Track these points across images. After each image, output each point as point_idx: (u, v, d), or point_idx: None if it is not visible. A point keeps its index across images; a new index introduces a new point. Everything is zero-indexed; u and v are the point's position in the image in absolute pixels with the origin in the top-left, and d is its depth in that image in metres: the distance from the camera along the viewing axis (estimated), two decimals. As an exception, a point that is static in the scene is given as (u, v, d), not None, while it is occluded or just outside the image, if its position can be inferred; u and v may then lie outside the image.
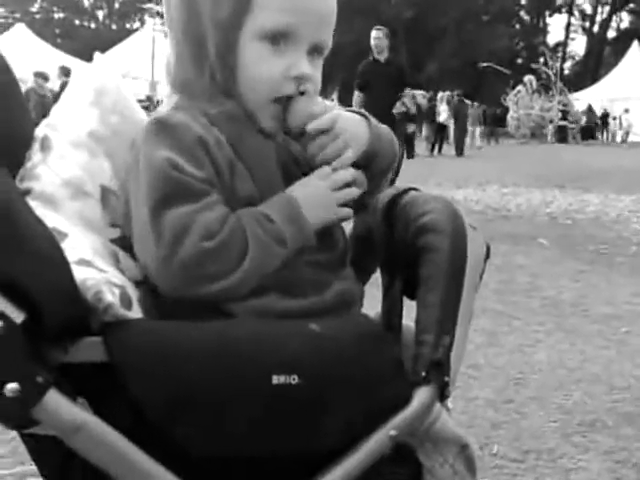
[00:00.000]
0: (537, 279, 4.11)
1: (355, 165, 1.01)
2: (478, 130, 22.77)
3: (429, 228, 0.99)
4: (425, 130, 18.92)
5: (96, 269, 0.89)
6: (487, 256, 1.04)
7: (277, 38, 0.95)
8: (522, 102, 25.12)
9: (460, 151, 17.86)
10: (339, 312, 0.99)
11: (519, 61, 41.48)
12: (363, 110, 1.11)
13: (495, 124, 25.39)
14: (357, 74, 7.16)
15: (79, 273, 0.84)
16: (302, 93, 0.98)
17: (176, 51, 1.01)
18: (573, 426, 2.17)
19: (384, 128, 1.10)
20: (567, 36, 47.39)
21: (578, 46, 51.35)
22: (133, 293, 0.91)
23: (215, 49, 0.97)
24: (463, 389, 2.39)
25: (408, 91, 7.45)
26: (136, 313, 0.88)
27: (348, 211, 1.01)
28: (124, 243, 0.99)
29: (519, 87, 25.75)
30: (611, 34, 46.36)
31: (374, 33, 7.14)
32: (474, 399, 2.33)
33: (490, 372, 2.58)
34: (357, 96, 7.10)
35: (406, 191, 1.10)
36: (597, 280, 4.12)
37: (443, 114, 18.82)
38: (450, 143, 19.15)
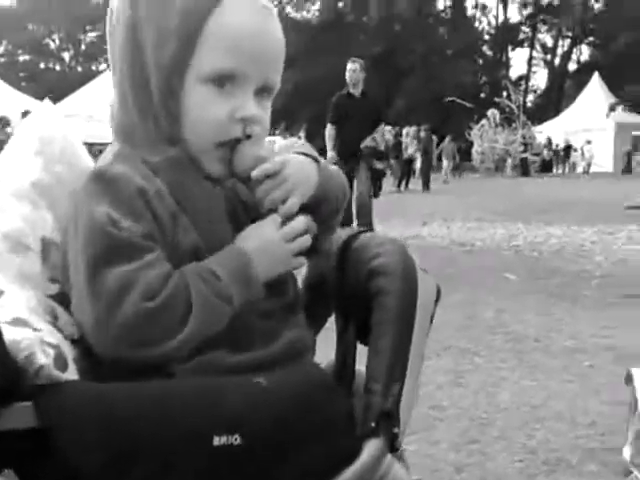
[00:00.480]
0: (502, 314, 4.13)
1: (304, 209, 0.99)
2: (451, 164, 23.15)
3: (380, 271, 0.98)
4: (394, 165, 19.13)
5: (31, 328, 0.86)
6: (437, 299, 1.04)
7: (223, 80, 0.94)
8: (486, 136, 25.60)
9: (427, 186, 18.06)
10: (290, 362, 0.96)
11: (483, 95, 42.33)
12: (314, 152, 1.10)
13: (461, 158, 25.80)
14: (330, 107, 6.99)
15: (12, 333, 0.81)
16: (249, 136, 0.96)
17: (119, 96, 1.00)
18: (538, 465, 2.15)
19: (334, 170, 1.09)
20: (529, 70, 48.62)
21: (540, 79, 52.65)
22: (69, 352, 0.88)
23: (159, 93, 0.95)
24: (427, 432, 2.36)
25: (382, 127, 7.31)
26: (72, 374, 0.85)
27: (301, 261, 0.99)
28: (63, 299, 0.96)
29: (483, 121, 26.25)
30: (572, 67, 47.73)
31: (350, 65, 6.93)
32: (438, 442, 2.30)
33: (454, 413, 2.56)
34: (329, 130, 6.91)
35: (359, 233, 1.09)
36: (561, 314, 4.15)
37: (410, 149, 19.06)
38: (417, 178, 19.38)
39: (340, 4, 45.98)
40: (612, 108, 27.56)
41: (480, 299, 4.52)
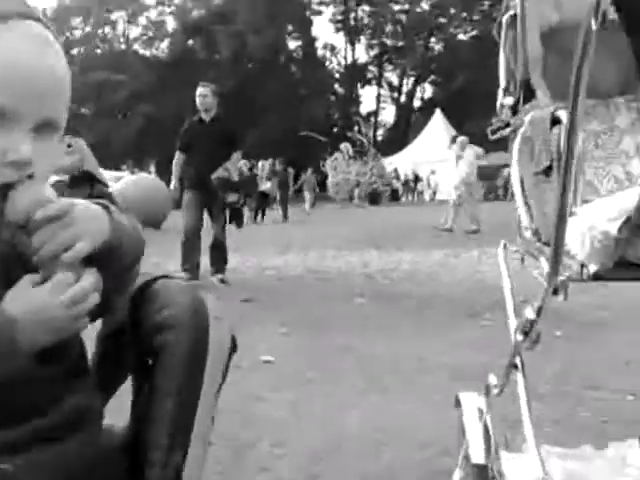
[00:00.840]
0: (352, 339, 4.11)
1: (92, 261, 0.86)
2: (313, 196, 23.55)
3: (165, 325, 0.87)
4: (250, 200, 19.10)
5: None
6: (233, 349, 0.93)
7: None
8: (340, 167, 26.40)
9: (285, 217, 18.23)
10: (70, 433, 0.83)
11: (335, 130, 43.72)
12: (105, 201, 0.96)
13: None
14: (179, 134, 6.63)
15: None
16: (30, 176, 0.83)
17: None
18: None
19: (130, 219, 0.96)
20: (378, 106, 50.96)
21: (388, 115, 55.19)
22: None
23: None
24: (270, 469, 2.23)
25: (238, 155, 6.76)
26: None
27: (84, 323, 0.85)
28: None
29: (336, 154, 27.09)
30: (417, 103, 50.56)
31: (200, 90, 6.51)
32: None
33: (296, 447, 2.45)
34: (176, 157, 6.56)
35: (154, 280, 0.96)
36: (407, 333, 4.21)
37: (267, 183, 19.17)
38: (274, 209, 19.48)
39: (190, 42, 46.00)
40: (453, 140, 29.36)
41: (332, 325, 4.49)
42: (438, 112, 32.85)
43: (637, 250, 1.18)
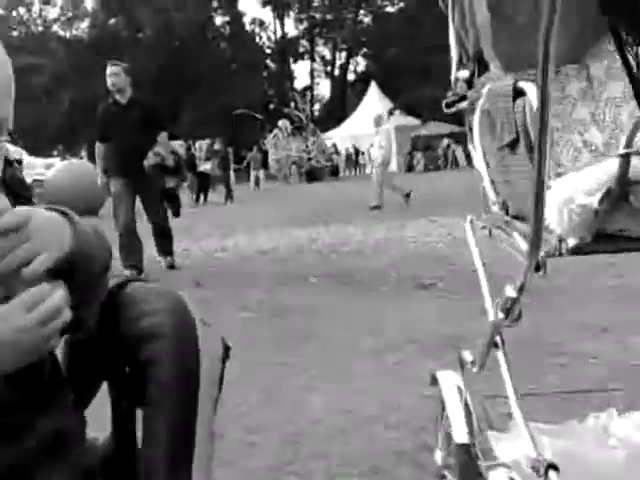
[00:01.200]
0: (309, 319, 4.08)
1: (55, 274, 0.78)
2: (262, 172, 23.33)
3: (149, 335, 0.81)
4: (189, 181, 18.78)
5: None
6: (226, 355, 0.87)
7: None
8: (280, 144, 26.20)
9: (230, 197, 17.98)
10: (49, 456, 0.77)
11: (272, 107, 43.32)
12: (64, 208, 0.87)
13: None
14: (97, 122, 6.11)
15: None
16: None
17: None
18: (354, 477, 2.07)
19: (92, 227, 0.87)
20: (312, 81, 50.66)
21: (324, 89, 54.90)
22: None
23: None
24: (242, 459, 2.19)
25: (164, 136, 6.22)
26: None
27: (56, 342, 0.78)
28: None
29: (275, 131, 26.85)
30: (351, 77, 50.47)
31: (109, 69, 6.03)
32: (254, 471, 2.13)
33: (268, 434, 2.41)
34: (98, 148, 6.10)
35: (126, 283, 0.89)
36: (365, 312, 4.20)
37: (207, 163, 18.86)
38: (216, 191, 19.22)
39: (111, 21, 44.63)
40: (390, 113, 29.49)
41: (287, 305, 4.44)
42: (373, 85, 32.89)
43: (616, 222, 1.17)
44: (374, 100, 31.11)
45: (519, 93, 1.40)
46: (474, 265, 1.56)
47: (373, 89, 32.68)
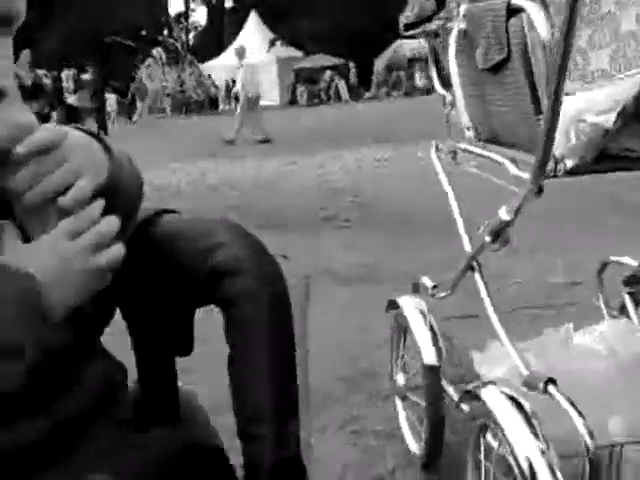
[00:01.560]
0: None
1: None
2: (146, 105, 22.73)
3: (226, 270, 0.72)
4: (56, 114, 17.58)
5: None
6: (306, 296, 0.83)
7: None
8: (155, 75, 25.07)
9: (104, 130, 17.09)
10: (100, 415, 0.70)
11: (144, 33, 41.13)
12: (94, 130, 0.77)
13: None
14: None
15: None
16: (1, 94, 0.64)
17: None
18: (306, 407, 2.10)
19: (124, 154, 0.78)
20: (187, 6, 48.46)
21: (200, 16, 52.65)
22: None
23: None
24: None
25: (25, 54, 5.73)
26: None
27: (107, 277, 0.68)
28: None
29: (149, 60, 25.59)
30: (229, 3, 48.60)
31: None
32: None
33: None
34: None
35: (159, 214, 0.81)
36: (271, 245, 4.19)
37: (73, 95, 17.71)
38: (86, 125, 18.20)
39: None
40: (272, 43, 28.90)
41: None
42: (253, 13, 31.95)
43: (624, 142, 1.19)
44: (254, 29, 30.35)
45: (513, 11, 1.33)
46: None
47: (253, 18, 31.78)
